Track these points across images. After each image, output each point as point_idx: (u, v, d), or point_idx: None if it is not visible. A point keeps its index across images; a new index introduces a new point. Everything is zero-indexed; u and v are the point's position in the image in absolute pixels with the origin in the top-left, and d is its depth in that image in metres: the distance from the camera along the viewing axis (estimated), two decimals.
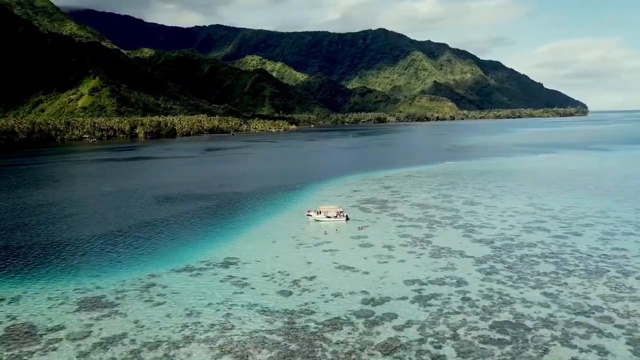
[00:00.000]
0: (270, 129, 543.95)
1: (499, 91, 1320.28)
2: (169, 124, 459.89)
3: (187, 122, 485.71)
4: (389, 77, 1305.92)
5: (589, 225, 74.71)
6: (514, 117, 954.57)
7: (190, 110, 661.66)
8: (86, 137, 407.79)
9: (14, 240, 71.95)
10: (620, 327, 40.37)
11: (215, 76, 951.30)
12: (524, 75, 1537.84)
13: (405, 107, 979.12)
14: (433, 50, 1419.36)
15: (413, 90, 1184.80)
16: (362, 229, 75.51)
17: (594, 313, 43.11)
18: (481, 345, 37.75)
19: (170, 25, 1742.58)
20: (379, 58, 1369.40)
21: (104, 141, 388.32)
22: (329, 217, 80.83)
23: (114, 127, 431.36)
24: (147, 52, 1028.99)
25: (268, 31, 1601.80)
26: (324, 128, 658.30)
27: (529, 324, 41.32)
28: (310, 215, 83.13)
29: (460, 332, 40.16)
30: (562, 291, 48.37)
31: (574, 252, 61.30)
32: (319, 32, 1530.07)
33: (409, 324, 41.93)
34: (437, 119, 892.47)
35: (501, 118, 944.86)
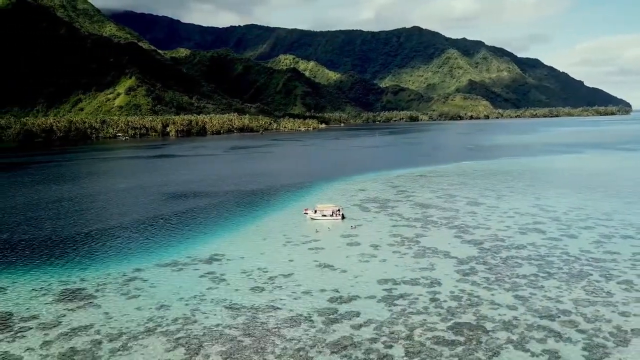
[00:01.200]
0: (299, 127, 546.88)
1: (536, 89, 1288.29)
2: (199, 123, 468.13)
3: (218, 120, 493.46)
4: (422, 76, 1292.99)
5: (588, 228, 72.55)
6: (551, 116, 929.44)
7: (223, 109, 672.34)
8: (120, 135, 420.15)
9: (17, 234, 75.36)
10: (583, 332, 39.34)
11: (248, 75, 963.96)
12: (563, 73, 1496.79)
13: (438, 105, 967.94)
14: (468, 48, 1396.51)
15: (447, 89, 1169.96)
16: (354, 227, 75.57)
17: (560, 317, 42.11)
18: (432, 346, 37.52)
19: (206, 25, 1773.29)
20: (413, 56, 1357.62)
21: (136, 139, 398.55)
22: (325, 215, 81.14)
23: (147, 126, 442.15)
24: (182, 52, 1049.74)
25: (302, 30, 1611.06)
26: (354, 127, 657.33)
27: (488, 326, 40.75)
28: (307, 214, 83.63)
29: (416, 332, 39.98)
30: (535, 294, 47.37)
31: (562, 254, 59.76)
32: (353, 30, 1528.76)
33: (367, 323, 41.99)
34: (471, 117, 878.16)
35: (538, 117, 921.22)
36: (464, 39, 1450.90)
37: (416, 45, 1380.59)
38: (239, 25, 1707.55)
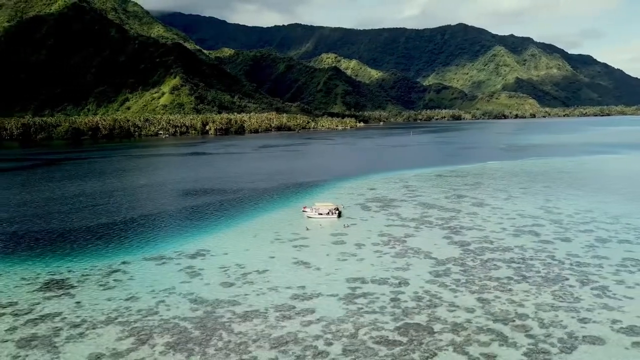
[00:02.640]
0: (336, 126, 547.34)
1: (588, 87, 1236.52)
2: (238, 122, 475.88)
3: (256, 119, 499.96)
4: (467, 74, 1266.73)
5: (587, 231, 69.96)
6: (602, 115, 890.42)
7: (264, 108, 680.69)
8: (161, 133, 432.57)
9: (27, 226, 79.79)
10: (532, 337, 38.41)
11: (290, 74, 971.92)
12: (618, 69, 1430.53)
13: (482, 104, 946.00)
14: (516, 44, 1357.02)
15: (493, 87, 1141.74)
16: (347, 226, 75.79)
17: (514, 321, 41.18)
18: (371, 345, 37.59)
19: (250, 25, 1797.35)
20: (458, 54, 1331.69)
21: (176, 137, 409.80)
22: (321, 214, 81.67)
23: (187, 124, 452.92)
24: (227, 51, 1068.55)
25: (345, 29, 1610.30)
26: (393, 125, 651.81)
27: (437, 327, 40.38)
28: (306, 211, 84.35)
29: (362, 331, 40.09)
30: (499, 297, 46.44)
31: (547, 257, 58.05)
32: (396, 28, 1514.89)
33: (318, 320, 42.42)
34: (516, 116, 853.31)
35: (587, 116, 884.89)
36: (511, 36, 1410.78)
37: (461, 42, 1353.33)
38: (283, 25, 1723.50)
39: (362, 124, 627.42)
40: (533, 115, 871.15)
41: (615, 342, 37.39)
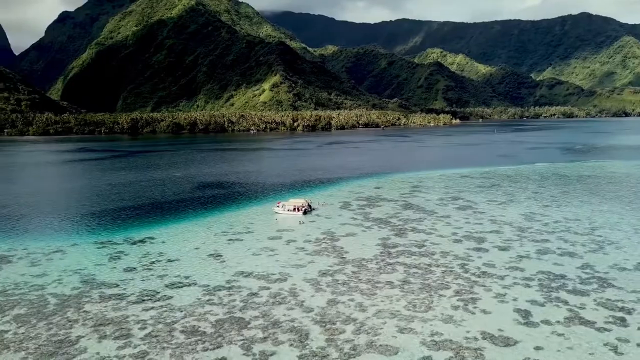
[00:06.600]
0: (428, 123, 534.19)
1: None
2: (325, 118, 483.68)
3: (344, 116, 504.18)
4: (589, 67, 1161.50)
5: (541, 242, 64.24)
6: None
7: (360, 105, 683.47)
8: (252, 129, 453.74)
9: (28, 209, 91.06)
10: (331, 340, 37.90)
11: (391, 70, 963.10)
12: None
13: (601, 100, 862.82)
14: None
15: (619, 81, 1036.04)
16: (302, 223, 76.97)
17: (334, 324, 40.57)
18: (175, 334, 39.53)
19: (358, 22, 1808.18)
20: (579, 46, 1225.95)
21: (265, 133, 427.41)
22: (289, 210, 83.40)
23: (277, 120, 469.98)
24: (330, 49, 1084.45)
25: (454, 23, 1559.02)
26: (492, 123, 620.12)
27: (254, 323, 41.13)
28: (279, 207, 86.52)
29: (184, 320, 42.03)
30: (353, 300, 45.59)
31: (457, 265, 54.87)
32: (510, 20, 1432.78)
33: (162, 307, 45.01)
34: None
35: None
36: None
37: (583, 33, 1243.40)
38: (390, 21, 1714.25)
39: (457, 120, 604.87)
40: None
41: (409, 353, 35.73)
